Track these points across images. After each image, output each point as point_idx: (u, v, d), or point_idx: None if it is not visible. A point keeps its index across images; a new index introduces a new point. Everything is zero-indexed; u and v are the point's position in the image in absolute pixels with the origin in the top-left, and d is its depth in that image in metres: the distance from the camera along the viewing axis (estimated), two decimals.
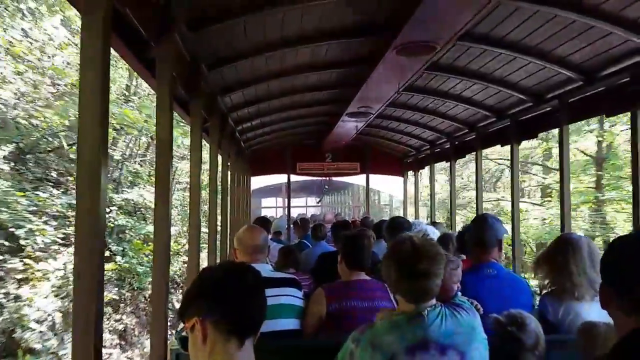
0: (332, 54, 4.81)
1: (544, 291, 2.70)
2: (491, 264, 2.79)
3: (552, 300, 2.55)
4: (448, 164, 8.24)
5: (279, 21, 3.80)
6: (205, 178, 5.29)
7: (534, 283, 3.95)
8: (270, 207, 18.24)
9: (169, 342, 2.76)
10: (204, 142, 5.19)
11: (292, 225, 9.85)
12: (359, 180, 12.40)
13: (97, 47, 1.72)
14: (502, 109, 5.92)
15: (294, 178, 11.00)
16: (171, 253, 3.38)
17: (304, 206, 19.29)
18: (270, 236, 6.10)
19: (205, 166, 4.92)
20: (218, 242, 5.60)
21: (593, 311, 2.33)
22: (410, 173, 10.72)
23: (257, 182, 11.88)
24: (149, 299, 12.33)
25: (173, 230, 11.05)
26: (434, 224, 6.81)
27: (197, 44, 3.44)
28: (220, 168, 5.47)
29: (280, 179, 12.19)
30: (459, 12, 3.30)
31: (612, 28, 3.47)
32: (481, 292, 2.63)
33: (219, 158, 5.43)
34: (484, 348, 1.85)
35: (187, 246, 13.25)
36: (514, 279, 2.93)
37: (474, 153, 7.14)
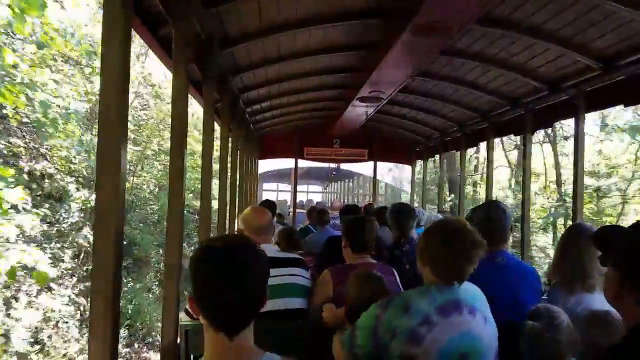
0: (346, 36, 4.74)
1: (554, 281, 2.69)
2: (501, 252, 2.73)
3: (562, 291, 2.54)
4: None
5: (294, 1, 3.73)
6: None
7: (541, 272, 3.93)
8: (272, 191, 18.28)
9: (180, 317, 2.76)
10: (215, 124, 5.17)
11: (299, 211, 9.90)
12: (366, 170, 12.39)
13: (119, 26, 1.69)
14: (517, 98, 5.82)
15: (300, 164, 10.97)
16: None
17: (306, 192, 19.32)
18: (274, 220, 6.11)
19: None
20: (227, 224, 5.60)
21: (604, 302, 2.31)
22: (420, 162, 10.65)
23: (261, 167, 11.86)
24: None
25: None
26: (441, 212, 6.82)
27: (211, 23, 3.39)
28: (230, 150, 5.44)
29: (282, 164, 12.19)
30: None
31: (635, 15, 3.37)
32: (492, 282, 2.60)
33: (230, 140, 5.40)
34: (495, 327, 1.90)
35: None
36: (523, 267, 2.89)
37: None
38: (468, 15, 3.54)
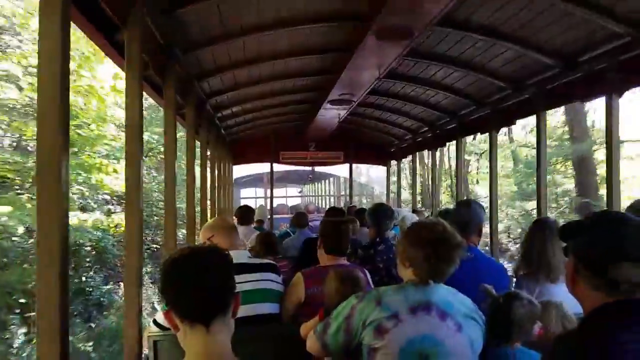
0: (312, 40, 4.75)
1: (520, 272, 2.79)
2: (469, 248, 2.81)
3: (528, 281, 2.65)
4: None
5: (255, 4, 3.72)
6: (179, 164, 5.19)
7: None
8: (250, 198, 18.18)
9: (144, 328, 2.71)
10: (181, 128, 5.10)
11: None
12: (341, 171, 12.43)
13: (56, 25, 1.64)
14: (482, 97, 5.93)
15: (275, 168, 10.93)
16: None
17: (284, 196, 19.28)
18: (252, 225, 6.09)
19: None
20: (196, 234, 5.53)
21: (567, 292, 2.38)
22: (394, 162, 10.74)
23: (235, 172, 11.77)
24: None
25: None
26: (414, 211, 6.87)
27: (169, 26, 3.35)
28: (198, 156, 5.39)
29: (258, 169, 12.13)
30: None
31: (590, 15, 3.47)
32: (458, 275, 2.66)
33: (196, 146, 5.35)
34: (480, 330, 1.90)
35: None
36: (490, 262, 2.97)
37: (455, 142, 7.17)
38: (428, 18, 3.60)
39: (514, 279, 2.94)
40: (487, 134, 6.07)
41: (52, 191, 1.61)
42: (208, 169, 6.61)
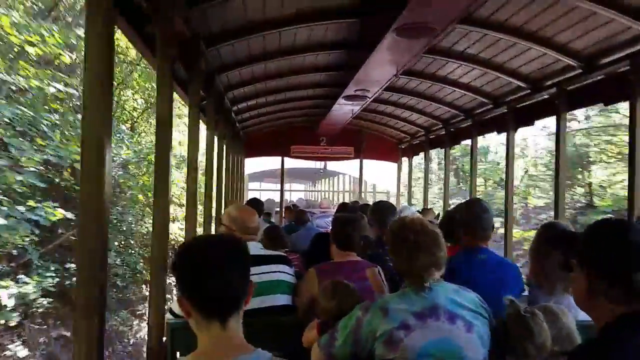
0: (332, 35, 4.76)
1: (532, 280, 2.64)
2: (482, 249, 2.76)
3: (542, 291, 2.51)
4: None
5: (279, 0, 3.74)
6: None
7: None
8: (255, 190, 18.24)
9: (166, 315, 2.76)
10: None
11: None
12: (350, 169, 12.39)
13: (101, 24, 1.68)
14: (499, 96, 5.91)
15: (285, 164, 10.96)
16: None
17: (289, 190, 19.31)
18: (261, 218, 6.13)
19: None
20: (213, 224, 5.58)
21: None
22: (405, 159, 10.73)
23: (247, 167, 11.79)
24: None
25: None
26: (424, 210, 6.85)
27: (196, 21, 3.38)
28: (216, 149, 5.43)
29: (266, 164, 12.14)
30: None
31: (614, 15, 3.45)
32: (473, 278, 2.61)
33: (215, 138, 5.39)
34: (488, 324, 1.87)
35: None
36: (505, 263, 2.90)
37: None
38: (451, 16, 3.59)
39: (527, 287, 2.86)
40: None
41: (95, 176, 1.67)
42: (224, 162, 6.65)
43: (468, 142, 7.32)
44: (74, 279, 4.79)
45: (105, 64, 1.68)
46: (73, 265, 8.98)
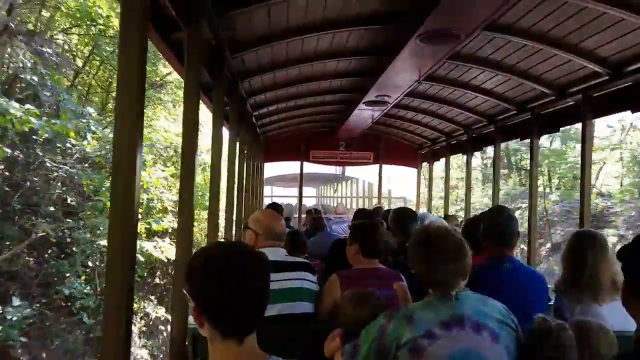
0: (354, 42, 4.77)
1: (562, 287, 2.62)
2: (508, 258, 2.72)
3: (570, 298, 2.50)
4: None
5: (303, 7, 3.77)
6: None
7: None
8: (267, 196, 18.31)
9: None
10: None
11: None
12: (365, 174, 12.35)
13: (135, 33, 1.72)
14: (523, 102, 5.84)
15: (298, 169, 10.99)
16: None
17: (304, 196, 19.34)
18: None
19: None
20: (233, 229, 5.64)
21: (612, 313, 2.26)
22: (425, 164, 10.65)
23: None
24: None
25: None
26: (446, 217, 6.78)
27: (222, 28, 3.43)
28: (237, 154, 5.48)
29: (277, 169, 12.19)
30: (486, 1, 3.25)
31: None
32: (498, 288, 2.55)
33: (237, 144, 5.45)
34: (515, 335, 1.84)
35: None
36: (530, 272, 2.85)
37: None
38: (477, 23, 3.57)
39: (553, 293, 2.82)
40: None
41: (126, 178, 1.71)
42: (244, 167, 6.71)
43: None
44: None
45: (137, 73, 1.71)
46: None
